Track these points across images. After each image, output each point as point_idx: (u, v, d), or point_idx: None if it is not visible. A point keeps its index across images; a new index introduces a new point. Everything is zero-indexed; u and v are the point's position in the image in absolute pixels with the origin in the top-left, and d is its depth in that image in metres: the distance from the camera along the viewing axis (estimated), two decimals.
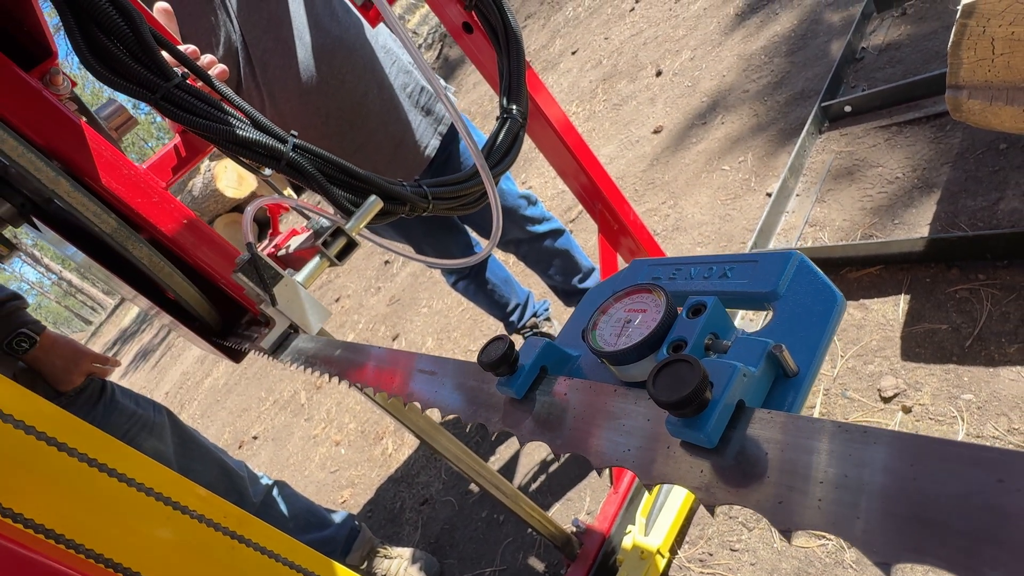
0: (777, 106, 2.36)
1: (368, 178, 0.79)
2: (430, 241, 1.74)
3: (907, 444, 0.20)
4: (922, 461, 0.19)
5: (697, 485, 0.26)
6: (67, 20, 0.68)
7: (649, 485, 0.28)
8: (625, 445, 0.30)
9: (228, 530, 0.97)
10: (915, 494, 0.19)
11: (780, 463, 0.24)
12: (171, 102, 0.71)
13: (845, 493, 0.21)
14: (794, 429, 0.24)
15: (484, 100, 5.66)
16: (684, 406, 0.26)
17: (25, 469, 0.80)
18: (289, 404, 3.77)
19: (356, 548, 1.70)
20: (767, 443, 0.25)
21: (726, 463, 0.25)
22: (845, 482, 0.21)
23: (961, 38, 1.14)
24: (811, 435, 0.24)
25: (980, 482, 0.18)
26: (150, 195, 0.89)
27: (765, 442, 0.25)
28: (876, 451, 0.21)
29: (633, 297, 0.38)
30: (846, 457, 0.22)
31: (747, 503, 0.24)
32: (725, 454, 0.26)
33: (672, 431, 0.27)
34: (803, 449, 0.23)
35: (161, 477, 0.89)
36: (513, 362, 0.39)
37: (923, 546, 0.17)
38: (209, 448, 1.57)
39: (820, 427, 0.24)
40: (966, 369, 1.23)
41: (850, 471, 0.21)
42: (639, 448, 0.29)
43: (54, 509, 0.81)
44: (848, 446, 0.22)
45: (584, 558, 1.36)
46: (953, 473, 0.19)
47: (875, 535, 0.19)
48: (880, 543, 0.19)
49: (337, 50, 1.36)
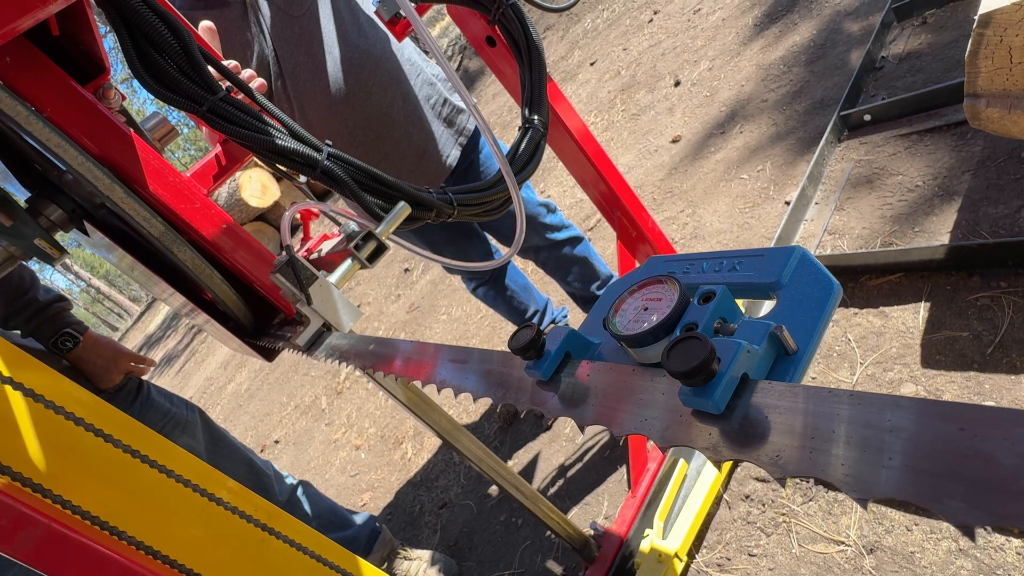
0: (796, 115, 2.37)
1: (397, 185, 0.83)
2: (451, 247, 1.79)
3: (885, 403, 0.24)
4: (897, 416, 0.23)
5: (706, 446, 0.29)
6: (124, 40, 0.74)
7: (663, 448, 0.31)
8: (642, 416, 0.33)
9: (259, 522, 1.01)
10: (891, 443, 0.22)
11: (779, 424, 0.27)
12: (216, 114, 0.76)
13: (831, 444, 0.24)
14: (791, 396, 0.27)
15: (503, 111, 5.74)
16: (694, 376, 0.29)
17: (75, 459, 0.85)
18: (310, 409, 3.84)
19: (377, 549, 1.73)
20: (767, 408, 0.28)
21: (732, 427, 0.29)
22: (831, 436, 0.24)
23: (978, 47, 1.15)
24: (805, 400, 0.27)
25: (945, 430, 0.21)
26: (193, 201, 0.94)
27: (766, 408, 0.28)
28: (860, 411, 0.24)
29: (650, 288, 0.42)
30: (834, 416, 0.25)
31: (749, 458, 0.27)
32: (731, 419, 0.29)
33: (684, 400, 0.31)
34: (798, 412, 0.26)
35: (197, 470, 0.94)
36: (540, 347, 0.43)
37: (898, 486, 0.21)
38: (238, 447, 1.63)
39: (812, 393, 0.27)
40: (987, 377, 1.23)
41: (836, 427, 0.24)
42: (655, 418, 0.33)
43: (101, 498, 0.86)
44: (836, 407, 0.25)
45: (602, 561, 1.38)
46: (923, 424, 0.22)
47: (852, 477, 0.22)
48: (857, 483, 0.22)
49: (364, 63, 1.42)
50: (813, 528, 1.25)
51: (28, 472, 0.76)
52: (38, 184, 0.94)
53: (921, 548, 1.10)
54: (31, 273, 1.34)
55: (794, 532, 1.27)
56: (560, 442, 1.96)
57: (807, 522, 1.26)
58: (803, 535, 1.25)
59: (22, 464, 0.73)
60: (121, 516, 0.84)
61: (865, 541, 1.16)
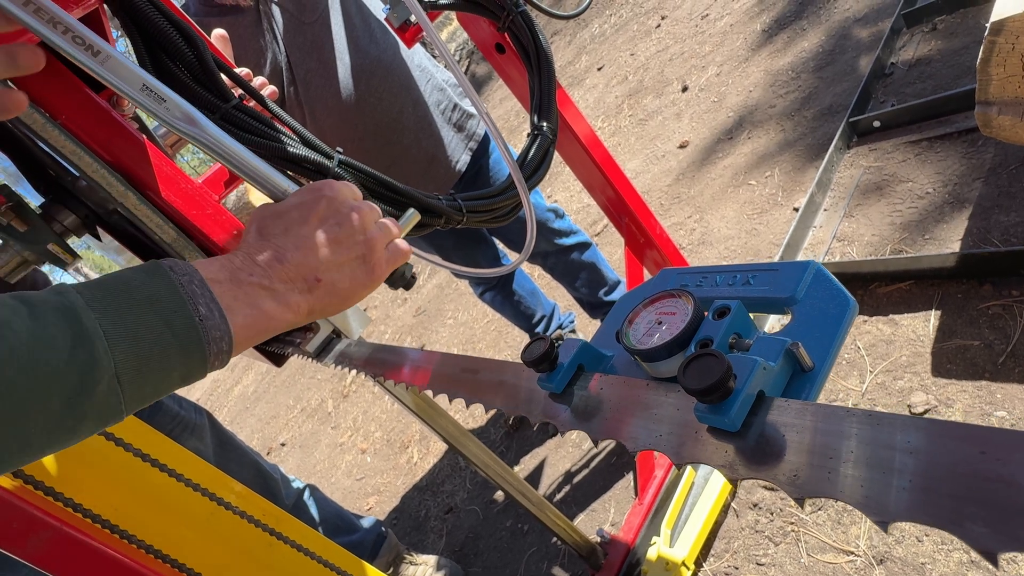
0: (804, 121, 2.37)
1: (407, 192, 0.84)
2: (459, 253, 1.79)
3: (905, 425, 0.23)
4: (916, 437, 0.22)
5: (723, 463, 0.29)
6: (138, 47, 0.75)
7: (680, 465, 0.31)
8: (657, 431, 0.33)
9: (267, 526, 1.01)
10: (909, 465, 0.22)
11: (796, 443, 0.27)
12: (229, 121, 0.77)
13: (849, 465, 0.24)
14: (808, 414, 0.27)
15: (510, 116, 5.75)
16: (711, 393, 0.29)
17: (86, 462, 0.86)
18: (316, 412, 3.85)
19: (383, 553, 1.73)
20: (784, 427, 0.28)
21: (748, 444, 0.29)
22: (852, 457, 0.24)
23: (990, 55, 1.15)
24: (824, 419, 0.27)
25: (966, 453, 0.20)
26: (204, 207, 0.95)
27: (782, 426, 0.28)
28: (878, 431, 0.24)
29: (663, 301, 0.42)
30: (851, 436, 0.25)
31: (766, 477, 0.26)
32: (747, 437, 0.29)
33: (700, 417, 0.31)
34: (816, 431, 0.26)
35: (205, 473, 0.94)
36: (553, 360, 0.43)
37: (917, 508, 0.20)
38: (245, 450, 1.63)
39: (831, 412, 0.27)
40: (999, 386, 1.22)
41: (856, 448, 0.24)
42: (670, 433, 0.33)
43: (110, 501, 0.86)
44: (855, 427, 0.25)
45: (608, 568, 1.37)
46: (944, 447, 0.21)
47: (871, 499, 0.22)
48: (876, 505, 0.22)
49: (375, 70, 1.43)
50: (822, 538, 1.24)
51: (39, 475, 0.76)
52: (52, 190, 0.95)
53: (932, 559, 1.09)
54: (44, 277, 1.35)
55: (803, 541, 1.26)
56: (567, 448, 1.96)
57: (816, 531, 1.25)
58: (812, 544, 1.24)
59: (32, 467, 0.73)
60: (130, 519, 0.84)
61: (875, 552, 1.15)
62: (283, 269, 0.48)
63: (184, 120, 0.61)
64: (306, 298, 0.49)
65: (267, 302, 0.46)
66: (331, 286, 0.50)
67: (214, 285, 0.43)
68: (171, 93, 0.61)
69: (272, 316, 0.46)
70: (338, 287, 0.51)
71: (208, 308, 0.41)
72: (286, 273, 0.48)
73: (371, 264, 0.53)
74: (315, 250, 0.49)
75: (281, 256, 0.48)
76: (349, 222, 0.52)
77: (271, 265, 0.47)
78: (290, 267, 0.48)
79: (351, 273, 0.52)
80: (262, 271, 0.47)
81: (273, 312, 0.46)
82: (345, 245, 0.51)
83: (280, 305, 0.47)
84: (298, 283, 0.48)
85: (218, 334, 0.42)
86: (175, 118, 0.61)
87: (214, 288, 0.43)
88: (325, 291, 0.50)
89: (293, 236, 0.50)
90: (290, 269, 0.48)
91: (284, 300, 0.47)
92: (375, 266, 0.53)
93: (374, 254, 0.53)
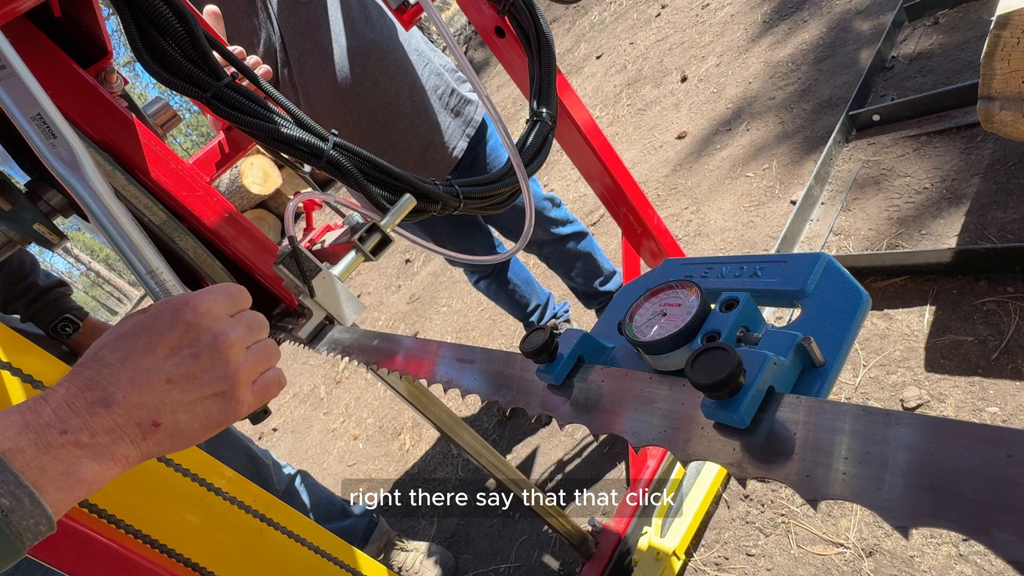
0: (803, 114, 2.35)
1: (403, 176, 0.82)
2: (454, 240, 1.77)
3: (926, 424, 0.22)
4: (939, 439, 0.21)
5: (730, 461, 0.28)
6: (127, 23, 0.72)
7: (684, 462, 0.30)
8: (660, 426, 0.32)
9: (258, 512, 1.00)
10: (933, 468, 0.21)
11: (807, 441, 0.26)
12: (221, 100, 0.75)
13: (867, 467, 0.23)
14: (820, 412, 0.26)
15: (508, 102, 5.70)
16: (720, 388, 0.28)
17: None
18: (309, 398, 3.84)
19: (373, 540, 1.73)
20: (795, 424, 0.27)
21: (757, 442, 0.28)
22: (867, 457, 0.23)
23: (995, 49, 1.14)
24: (836, 417, 0.26)
25: (991, 456, 0.20)
26: (195, 189, 0.93)
27: (793, 423, 0.27)
28: (897, 431, 0.23)
29: (668, 292, 0.41)
30: (868, 436, 0.24)
31: (776, 477, 0.26)
32: (756, 434, 0.28)
33: (707, 413, 0.30)
34: (828, 429, 0.25)
35: (195, 459, 0.93)
36: (553, 351, 0.41)
37: (938, 512, 0.20)
38: (237, 435, 1.62)
39: (844, 410, 0.26)
40: (992, 382, 1.22)
41: (872, 448, 0.23)
42: (675, 429, 0.32)
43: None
44: (871, 426, 0.24)
45: (599, 557, 1.38)
46: (968, 449, 0.20)
47: (892, 503, 0.21)
48: (899, 510, 0.21)
49: (371, 52, 1.40)
50: (812, 529, 1.24)
51: None
52: (37, 168, 0.93)
53: (921, 552, 1.10)
54: (31, 258, 1.33)
55: (793, 533, 1.27)
56: (559, 437, 1.96)
57: (806, 523, 1.26)
58: (802, 536, 1.25)
59: None
60: (118, 504, 0.83)
61: (864, 544, 1.16)
62: (109, 415, 0.40)
63: (68, 165, 0.49)
64: (138, 447, 0.41)
65: (85, 464, 0.38)
66: (173, 429, 0.42)
67: (16, 459, 0.36)
68: (69, 133, 0.50)
69: (94, 480, 0.39)
70: (183, 429, 0.42)
71: (13, 496, 0.35)
72: (112, 420, 0.40)
73: (232, 400, 0.44)
74: (155, 388, 0.41)
75: (108, 398, 0.40)
76: (208, 352, 0.44)
77: (93, 411, 0.39)
78: (119, 412, 0.40)
79: (203, 412, 0.43)
80: (81, 422, 0.39)
81: (94, 475, 0.39)
82: (198, 381, 0.43)
83: (103, 464, 0.39)
84: (128, 430, 0.40)
85: (31, 522, 0.35)
86: (56, 158, 0.49)
87: (16, 463, 0.36)
88: (165, 434, 0.42)
89: (130, 368, 0.41)
90: (118, 414, 0.40)
91: (108, 455, 0.39)
92: (236, 403, 0.45)
93: (237, 390, 0.45)
